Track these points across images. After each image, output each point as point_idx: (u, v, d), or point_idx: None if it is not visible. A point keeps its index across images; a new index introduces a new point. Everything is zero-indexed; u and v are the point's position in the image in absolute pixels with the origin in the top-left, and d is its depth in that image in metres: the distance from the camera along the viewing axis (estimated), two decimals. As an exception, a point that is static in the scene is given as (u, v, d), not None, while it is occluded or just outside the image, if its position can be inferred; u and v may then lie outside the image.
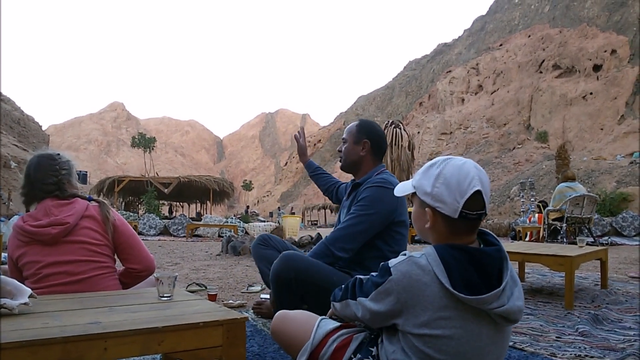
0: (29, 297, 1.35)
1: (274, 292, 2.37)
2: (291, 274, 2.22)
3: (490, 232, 1.34)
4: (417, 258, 1.24)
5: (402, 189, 1.45)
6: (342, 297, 1.45)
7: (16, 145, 32.14)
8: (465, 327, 1.21)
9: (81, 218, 1.93)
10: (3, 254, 5.35)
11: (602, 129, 46.08)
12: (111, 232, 1.98)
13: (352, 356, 1.36)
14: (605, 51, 50.91)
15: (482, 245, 1.31)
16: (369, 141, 2.56)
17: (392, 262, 1.28)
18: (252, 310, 3.02)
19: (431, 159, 1.39)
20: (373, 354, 1.34)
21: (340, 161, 2.69)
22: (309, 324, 1.48)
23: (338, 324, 1.48)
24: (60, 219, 1.89)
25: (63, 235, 1.88)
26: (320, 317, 1.52)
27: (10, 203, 21.20)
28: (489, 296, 1.19)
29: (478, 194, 1.25)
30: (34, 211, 1.96)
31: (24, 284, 1.88)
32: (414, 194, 1.36)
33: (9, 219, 9.21)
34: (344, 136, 2.65)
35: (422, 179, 1.32)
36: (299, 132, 3.18)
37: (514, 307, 1.23)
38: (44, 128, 49.35)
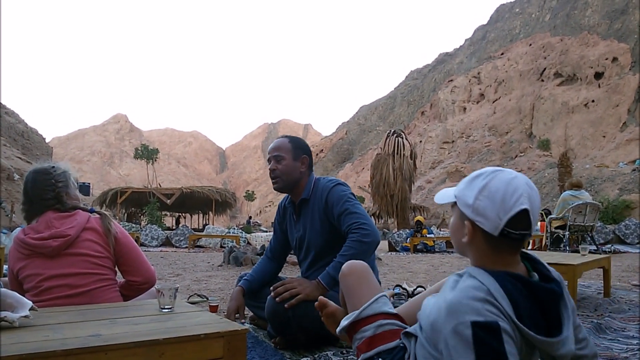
0: (29, 309, 1.35)
1: (273, 328, 2.40)
2: (288, 312, 2.21)
3: (540, 260, 1.22)
4: (477, 293, 1.07)
5: (443, 196, 1.34)
6: None
7: (20, 158, 32.27)
8: None
9: (82, 230, 1.94)
10: (6, 267, 5.37)
11: (604, 137, 46.07)
12: (113, 244, 1.98)
13: (385, 354, 1.31)
14: (607, 59, 51.06)
15: (531, 273, 1.20)
16: (307, 156, 2.52)
17: (471, 310, 1.05)
18: (250, 323, 3.02)
19: (433, 168, 1.35)
20: None
21: (274, 181, 2.50)
22: (372, 292, 1.45)
23: (393, 309, 1.44)
24: (61, 231, 1.90)
25: (64, 248, 1.88)
26: (382, 293, 1.47)
27: (13, 215, 21.24)
28: (559, 340, 1.09)
29: (524, 212, 1.13)
30: (35, 224, 1.96)
31: (24, 297, 1.89)
32: (454, 203, 1.25)
33: (12, 231, 9.23)
34: (275, 154, 2.47)
35: (465, 189, 1.22)
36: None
37: (569, 351, 1.12)
38: (47, 140, 49.65)
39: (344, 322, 1.40)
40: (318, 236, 2.44)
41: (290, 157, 2.48)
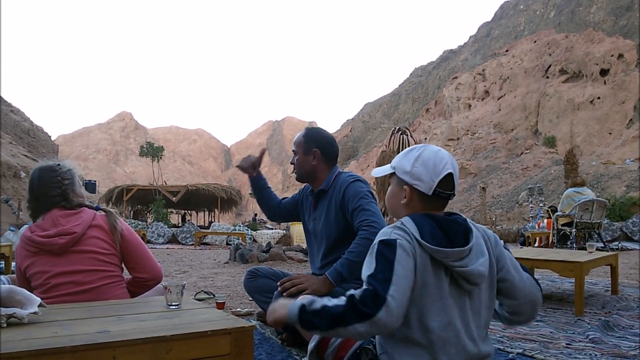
0: (38, 306, 1.36)
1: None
2: None
3: (459, 213, 1.48)
4: (397, 225, 1.39)
5: (379, 171, 1.59)
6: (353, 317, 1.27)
7: (26, 156, 32.44)
8: (425, 278, 1.33)
9: (89, 227, 1.94)
10: (14, 264, 5.41)
11: (610, 133, 45.82)
12: (119, 241, 1.98)
13: (358, 347, 1.45)
14: (612, 55, 50.72)
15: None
16: (319, 149, 2.57)
17: (383, 234, 1.38)
18: (257, 319, 3.02)
19: None
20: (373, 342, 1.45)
21: (294, 173, 2.67)
22: None
23: None
24: (67, 228, 1.91)
25: (71, 245, 1.89)
26: None
27: (20, 213, 21.37)
28: (452, 251, 1.33)
29: (450, 176, 1.43)
30: (41, 221, 1.97)
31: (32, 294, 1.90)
32: (392, 174, 1.52)
33: (19, 229, 9.29)
34: (293, 149, 2.66)
35: (402, 160, 1.50)
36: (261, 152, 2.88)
37: (475, 271, 1.35)
38: (53, 138, 49.88)
39: (312, 344, 1.52)
40: (333, 227, 2.48)
41: (302, 151, 2.59)
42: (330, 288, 2.19)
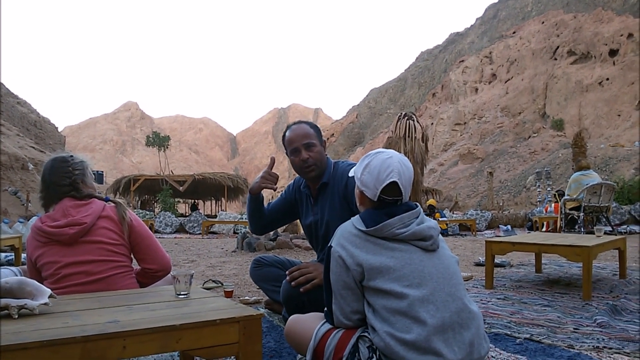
0: (48, 297, 1.37)
1: (288, 313, 2.40)
2: (303, 296, 2.26)
3: (416, 203, 1.63)
4: (343, 224, 1.60)
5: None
6: (331, 320, 1.59)
7: (33, 147, 32.62)
8: (396, 256, 1.48)
9: (98, 218, 1.97)
10: (24, 255, 5.46)
11: (619, 115, 45.32)
12: (127, 232, 2.01)
13: (352, 349, 1.47)
14: (622, 35, 49.96)
15: None
16: (325, 140, 2.57)
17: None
18: (265, 307, 3.04)
19: (445, 150, 1.53)
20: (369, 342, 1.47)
21: (308, 170, 2.43)
22: (314, 325, 1.60)
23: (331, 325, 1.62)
24: (77, 219, 1.93)
25: (80, 236, 1.92)
26: (324, 320, 1.62)
27: (29, 204, 21.54)
28: (392, 221, 1.49)
29: (394, 184, 1.54)
30: (51, 212, 2.00)
31: (43, 284, 1.93)
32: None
33: (28, 220, 9.38)
34: (306, 141, 2.42)
35: (357, 166, 1.64)
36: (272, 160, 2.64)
37: (422, 227, 1.52)
38: (59, 129, 50.09)
39: (309, 356, 1.56)
40: (338, 219, 2.43)
41: (318, 142, 2.47)
42: None
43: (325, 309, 1.61)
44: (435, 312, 1.39)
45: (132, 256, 2.09)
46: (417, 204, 1.59)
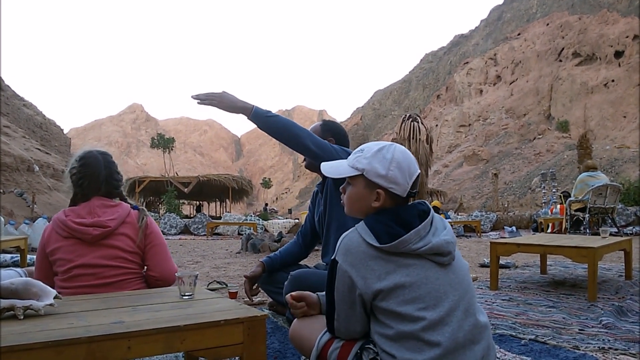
0: (54, 298, 1.38)
1: (292, 314, 2.41)
2: None
3: (425, 202, 1.47)
4: (349, 234, 1.39)
5: (335, 170, 1.51)
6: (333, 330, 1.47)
7: (39, 149, 32.80)
8: (411, 274, 1.32)
9: (122, 223, 1.98)
10: (29, 256, 5.48)
11: (624, 117, 45.14)
12: (142, 239, 2.02)
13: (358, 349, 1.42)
14: (627, 37, 49.80)
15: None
16: (334, 138, 2.64)
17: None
18: (269, 309, 3.05)
19: (450, 152, 1.47)
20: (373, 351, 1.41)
21: (304, 162, 2.69)
22: (319, 332, 1.53)
23: None
24: (102, 221, 1.94)
25: (102, 238, 1.93)
26: (326, 328, 1.56)
27: (35, 206, 21.63)
28: (409, 236, 1.32)
29: (418, 175, 1.44)
30: (77, 207, 2.00)
31: (52, 279, 1.94)
32: (356, 176, 1.43)
33: (34, 222, 9.42)
34: None
35: (373, 162, 1.41)
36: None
37: (440, 242, 1.35)
38: (65, 131, 50.36)
39: (314, 356, 1.50)
40: (340, 208, 2.46)
41: (318, 135, 2.59)
42: None
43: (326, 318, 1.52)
44: (450, 335, 1.32)
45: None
46: (426, 202, 1.46)
